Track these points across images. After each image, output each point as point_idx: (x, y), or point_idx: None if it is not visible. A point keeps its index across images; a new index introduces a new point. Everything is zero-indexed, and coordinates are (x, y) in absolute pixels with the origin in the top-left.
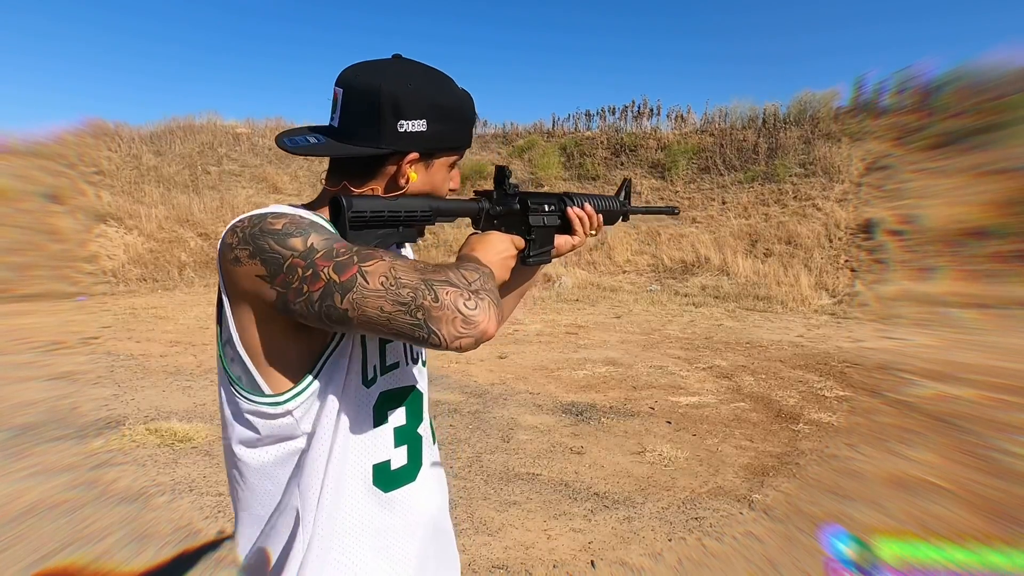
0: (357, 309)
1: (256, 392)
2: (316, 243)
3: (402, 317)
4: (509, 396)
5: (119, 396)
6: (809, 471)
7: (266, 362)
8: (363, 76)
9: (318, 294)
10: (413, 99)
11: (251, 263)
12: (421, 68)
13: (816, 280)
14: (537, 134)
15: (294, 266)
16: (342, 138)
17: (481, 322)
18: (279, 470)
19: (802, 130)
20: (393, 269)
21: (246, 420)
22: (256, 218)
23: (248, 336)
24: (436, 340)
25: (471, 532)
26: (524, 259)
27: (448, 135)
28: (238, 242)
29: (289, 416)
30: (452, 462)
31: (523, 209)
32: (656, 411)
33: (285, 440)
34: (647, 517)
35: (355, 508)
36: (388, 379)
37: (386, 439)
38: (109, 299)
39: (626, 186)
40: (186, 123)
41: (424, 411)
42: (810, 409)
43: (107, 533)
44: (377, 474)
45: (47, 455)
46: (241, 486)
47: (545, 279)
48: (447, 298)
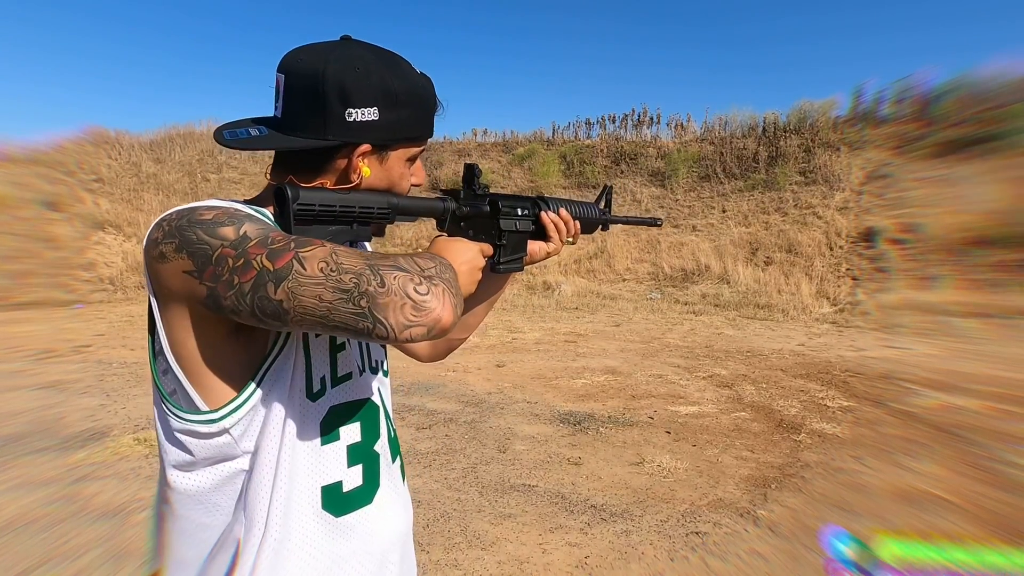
0: (293, 299)
1: (190, 409)
2: (249, 231)
3: (343, 306)
4: (506, 405)
5: (107, 406)
6: (815, 485)
7: (200, 373)
8: (306, 60)
9: (249, 284)
10: (362, 84)
11: (178, 257)
12: (372, 49)
13: (817, 288)
14: (537, 142)
15: (224, 256)
16: (286, 129)
17: (433, 308)
18: (217, 496)
19: (802, 138)
20: (335, 255)
21: (178, 440)
22: (185, 210)
23: (180, 345)
24: (383, 330)
25: (464, 546)
26: (494, 266)
27: (404, 124)
28: (163, 236)
29: (226, 435)
30: (447, 473)
31: (493, 212)
32: (655, 421)
33: (223, 461)
34: (646, 531)
35: (304, 536)
36: (339, 392)
37: (337, 458)
38: (106, 307)
39: (607, 193)
40: (186, 130)
41: (381, 426)
42: (812, 419)
43: (84, 550)
44: (327, 497)
45: (28, 467)
46: (171, 524)
47: (544, 287)
48: (394, 283)
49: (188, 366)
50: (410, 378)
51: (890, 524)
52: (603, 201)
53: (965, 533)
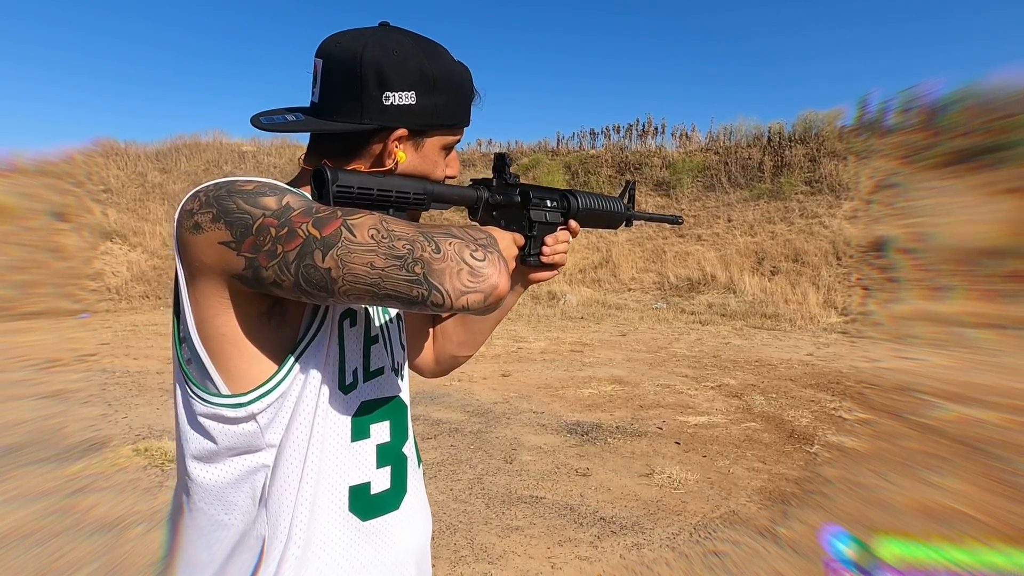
0: (343, 266)
1: (214, 392)
2: (292, 202)
3: (397, 273)
4: (512, 415)
5: (108, 416)
6: (837, 501)
7: (227, 356)
8: (344, 44)
9: (295, 253)
10: (400, 68)
11: (214, 228)
12: (410, 35)
13: (824, 298)
14: (542, 152)
15: (266, 226)
16: (322, 114)
17: (491, 275)
18: (236, 493)
19: (808, 148)
20: (385, 222)
21: (201, 426)
22: (224, 182)
23: (208, 325)
24: (439, 297)
25: (471, 560)
26: (524, 258)
27: (441, 110)
28: (200, 206)
29: (252, 421)
30: (452, 484)
31: (524, 202)
32: (664, 431)
33: (247, 453)
34: (657, 545)
35: (330, 539)
36: (371, 387)
37: (367, 457)
38: (111, 316)
39: (630, 189)
40: (192, 141)
41: (409, 429)
42: (825, 430)
43: (79, 566)
44: (354, 498)
45: (25, 479)
46: (188, 521)
47: (550, 297)
48: (450, 248)
49: (215, 348)
50: (415, 388)
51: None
52: (627, 196)
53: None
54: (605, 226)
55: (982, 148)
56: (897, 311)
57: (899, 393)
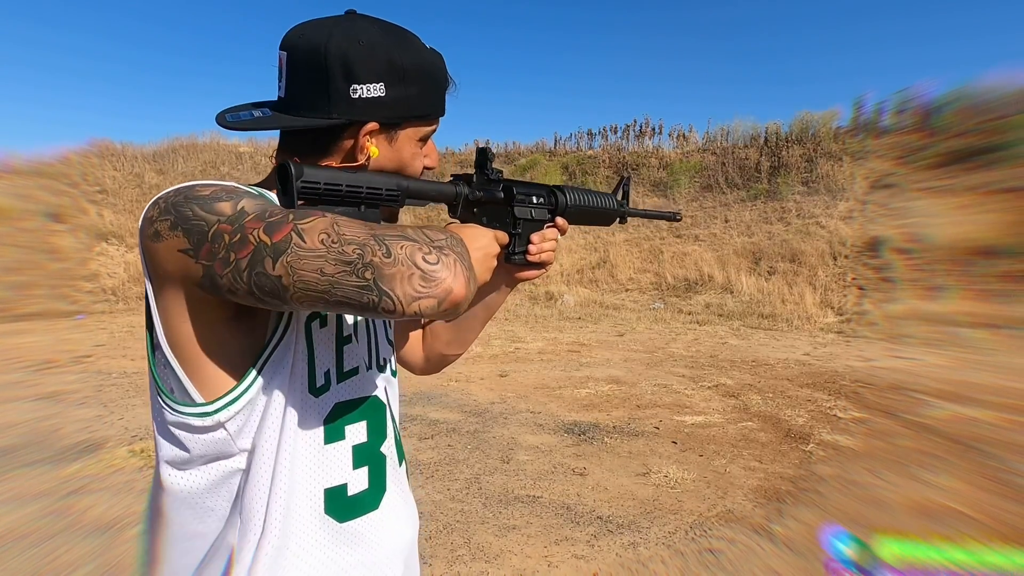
0: (292, 274)
1: (184, 401)
2: (247, 206)
3: (346, 279)
4: (509, 415)
5: (103, 417)
6: (832, 500)
7: (197, 363)
8: (308, 35)
9: (246, 261)
10: (367, 59)
11: (172, 235)
12: (378, 23)
13: (821, 298)
14: (539, 153)
15: (220, 233)
16: (290, 110)
17: (444, 279)
18: (212, 498)
19: (804, 148)
20: (336, 225)
21: (172, 435)
22: (183, 187)
23: (175, 331)
24: (389, 303)
25: (468, 559)
26: (508, 256)
27: (412, 101)
28: (159, 213)
29: (221, 429)
30: (450, 484)
31: (508, 198)
32: (661, 431)
33: (219, 459)
34: (654, 543)
35: (306, 543)
36: (345, 387)
37: (342, 459)
38: (108, 318)
39: (624, 184)
40: (189, 142)
41: (388, 427)
42: (821, 429)
43: (76, 566)
44: (330, 500)
45: (20, 480)
46: (162, 530)
47: (547, 297)
48: (401, 252)
49: (184, 355)
50: (412, 388)
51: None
52: (620, 192)
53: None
54: (597, 223)
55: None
56: (892, 311)
57: (894, 392)
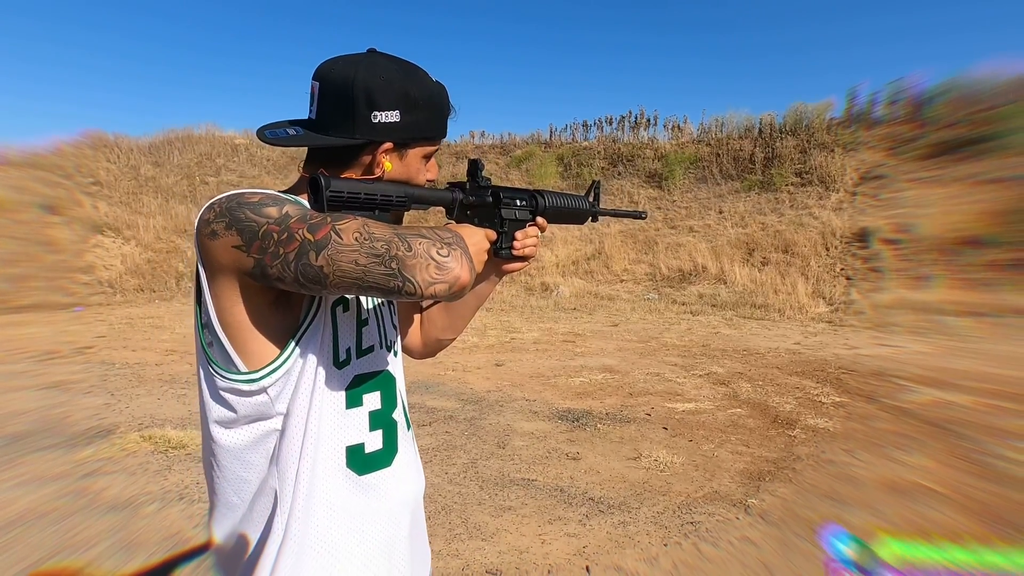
0: (332, 264)
1: (232, 370)
2: (291, 211)
3: (376, 268)
4: (505, 403)
5: (111, 405)
6: (806, 476)
7: (243, 339)
8: (338, 69)
9: (293, 254)
10: (386, 90)
11: (228, 234)
12: (394, 61)
13: (813, 288)
14: (535, 144)
15: (269, 232)
16: (319, 129)
17: (453, 268)
18: (253, 454)
19: (798, 140)
20: (366, 226)
21: (222, 398)
22: (234, 194)
23: (226, 314)
24: (411, 287)
25: (465, 537)
26: (496, 251)
27: (421, 125)
28: (215, 216)
29: (264, 394)
30: (447, 468)
31: (496, 202)
32: (652, 417)
33: (260, 420)
34: (642, 522)
35: (330, 490)
36: (363, 362)
37: (360, 422)
38: (105, 309)
39: (595, 188)
40: (185, 134)
41: (398, 397)
42: (806, 415)
43: (95, 542)
44: (351, 456)
45: (37, 464)
46: (216, 472)
47: (543, 288)
48: (419, 247)
49: (233, 332)
50: (410, 376)
51: (880, 514)
52: (591, 195)
53: (955, 524)
54: (573, 222)
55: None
56: (879, 300)
57: (876, 378)
